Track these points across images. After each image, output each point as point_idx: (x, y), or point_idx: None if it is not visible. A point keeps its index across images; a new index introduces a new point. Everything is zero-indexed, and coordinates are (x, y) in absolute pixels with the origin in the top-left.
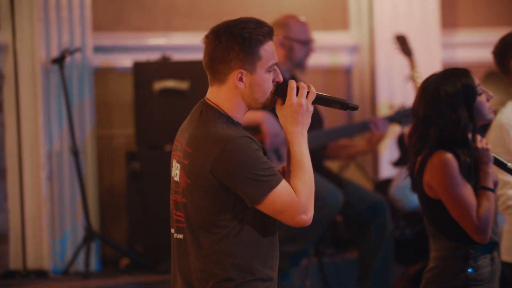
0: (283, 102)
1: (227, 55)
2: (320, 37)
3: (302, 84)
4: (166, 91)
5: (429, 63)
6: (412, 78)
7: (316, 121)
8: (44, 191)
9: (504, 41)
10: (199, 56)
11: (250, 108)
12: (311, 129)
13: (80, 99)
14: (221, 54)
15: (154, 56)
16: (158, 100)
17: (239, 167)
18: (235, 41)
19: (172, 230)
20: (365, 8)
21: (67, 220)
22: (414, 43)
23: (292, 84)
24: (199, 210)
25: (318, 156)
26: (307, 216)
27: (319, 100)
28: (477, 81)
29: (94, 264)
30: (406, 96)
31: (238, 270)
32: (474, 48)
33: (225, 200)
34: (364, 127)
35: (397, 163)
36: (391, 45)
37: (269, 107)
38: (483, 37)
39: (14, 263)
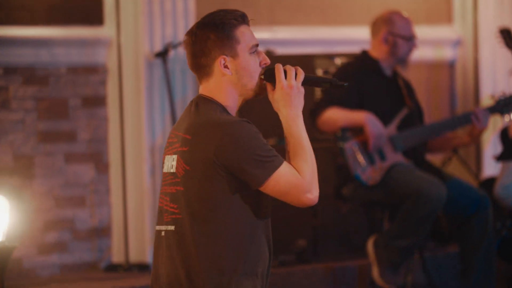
0: (273, 87)
1: (205, 46)
2: (423, 31)
3: (288, 66)
4: None
5: None
6: None
7: (417, 117)
8: (147, 185)
9: None
10: (302, 50)
11: (242, 97)
12: (413, 125)
13: (183, 93)
14: (200, 48)
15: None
16: None
17: (244, 149)
18: (209, 30)
19: (159, 227)
20: (470, 2)
21: None
22: None
23: (279, 67)
24: (198, 197)
25: (419, 151)
26: (313, 195)
27: (308, 81)
28: None
29: None
30: (510, 90)
31: (233, 261)
32: None
33: (225, 186)
34: (466, 119)
35: (500, 158)
36: (495, 39)
37: (262, 94)
38: None
39: (117, 257)
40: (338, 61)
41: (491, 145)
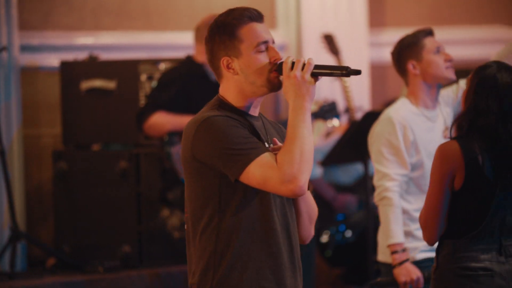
0: None
1: (212, 49)
2: None
3: (298, 58)
4: (93, 91)
5: (357, 62)
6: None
7: None
8: None
9: (401, 43)
10: (127, 55)
11: (255, 95)
12: None
13: (7, 99)
14: (208, 50)
15: (82, 56)
16: (86, 99)
17: (214, 143)
18: (213, 32)
19: None
20: (293, 7)
21: None
22: (341, 42)
23: (287, 59)
24: (192, 195)
25: None
26: (295, 185)
27: (319, 71)
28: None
29: (20, 264)
30: (333, 95)
31: (221, 259)
32: None
33: (211, 182)
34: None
35: (325, 163)
36: (319, 44)
37: (277, 88)
38: None
39: None
40: (163, 66)
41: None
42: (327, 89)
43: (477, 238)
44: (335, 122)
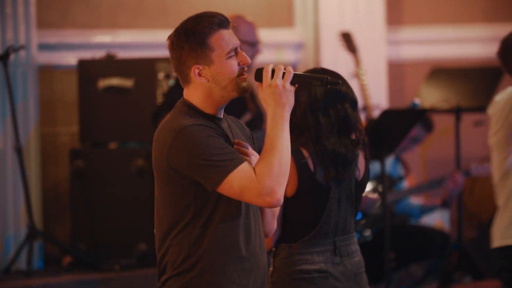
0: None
1: (181, 56)
2: (265, 34)
3: (278, 66)
4: (110, 89)
5: (374, 60)
6: (357, 75)
7: (259, 121)
8: None
9: (506, 43)
10: (144, 53)
11: (224, 99)
12: (256, 129)
13: (24, 97)
14: (176, 56)
15: (99, 54)
16: (103, 97)
17: (191, 154)
18: (182, 39)
19: None
20: (311, 5)
21: (10, 217)
22: (359, 40)
23: (267, 67)
24: (164, 201)
25: None
26: (272, 197)
27: (298, 79)
28: None
29: (36, 262)
30: None
31: (192, 264)
32: (419, 45)
33: (185, 190)
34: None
35: None
36: (336, 42)
37: (246, 91)
38: (428, 34)
39: None
40: None
41: None
42: None
43: (312, 241)
44: None
